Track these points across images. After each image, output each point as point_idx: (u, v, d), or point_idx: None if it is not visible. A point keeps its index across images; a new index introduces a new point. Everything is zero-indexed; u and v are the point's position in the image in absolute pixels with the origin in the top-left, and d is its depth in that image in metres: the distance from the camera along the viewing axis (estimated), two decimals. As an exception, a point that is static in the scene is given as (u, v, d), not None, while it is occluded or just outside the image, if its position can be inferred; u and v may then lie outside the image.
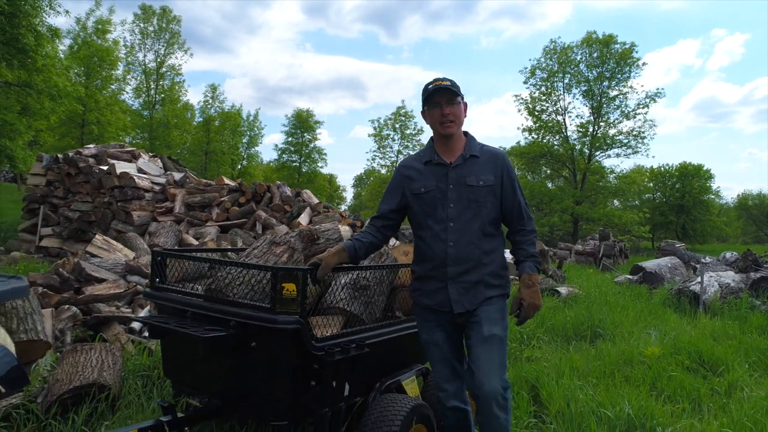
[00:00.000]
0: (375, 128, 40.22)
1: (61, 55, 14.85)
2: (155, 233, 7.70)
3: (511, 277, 4.41)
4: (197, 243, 7.36)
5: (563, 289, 7.53)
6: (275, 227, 9.18)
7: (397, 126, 39.64)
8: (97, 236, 6.29)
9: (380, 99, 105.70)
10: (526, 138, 33.69)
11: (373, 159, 42.27)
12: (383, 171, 41.81)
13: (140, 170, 10.13)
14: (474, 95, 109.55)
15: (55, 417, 2.86)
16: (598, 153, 31.68)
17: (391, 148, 40.05)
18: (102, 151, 10.33)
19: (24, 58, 12.79)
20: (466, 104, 2.47)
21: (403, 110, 39.50)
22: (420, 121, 40.40)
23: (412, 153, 34.85)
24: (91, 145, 11.03)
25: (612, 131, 31.23)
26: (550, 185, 37.36)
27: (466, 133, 2.52)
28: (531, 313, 2.36)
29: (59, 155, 10.34)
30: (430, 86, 2.41)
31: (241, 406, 2.50)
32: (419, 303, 2.49)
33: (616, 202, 38.53)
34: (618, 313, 6.80)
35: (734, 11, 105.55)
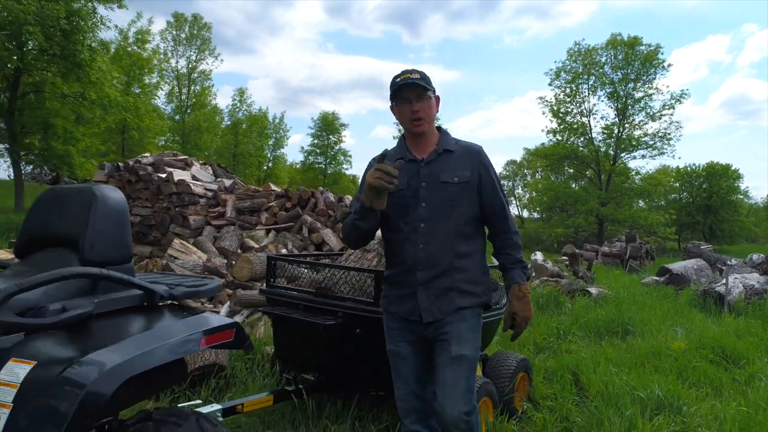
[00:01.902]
0: (399, 130, 40.81)
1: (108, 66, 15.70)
2: (221, 237, 8.43)
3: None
4: (257, 246, 8.06)
5: (593, 290, 8.05)
6: (320, 230, 9.85)
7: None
8: (175, 240, 7.03)
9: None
10: (550, 140, 34.00)
11: (398, 161, 42.78)
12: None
13: (194, 177, 10.91)
14: (495, 94, 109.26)
15: (185, 390, 3.54)
16: (623, 154, 31.83)
17: (416, 150, 40.57)
18: (159, 160, 11.14)
19: (80, 72, 13.74)
20: (438, 98, 2.27)
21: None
22: (442, 122, 40.84)
23: None
24: (147, 154, 11.85)
25: (637, 133, 31.37)
26: (573, 186, 37.54)
27: (439, 128, 2.35)
28: (524, 326, 2.20)
29: (120, 163, 11.17)
30: (398, 80, 2.20)
31: (348, 380, 3.13)
32: (387, 310, 2.30)
33: (641, 203, 38.45)
34: (646, 312, 7.29)
35: (766, 5, 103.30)
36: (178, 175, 10.52)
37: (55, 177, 38.14)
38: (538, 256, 10.26)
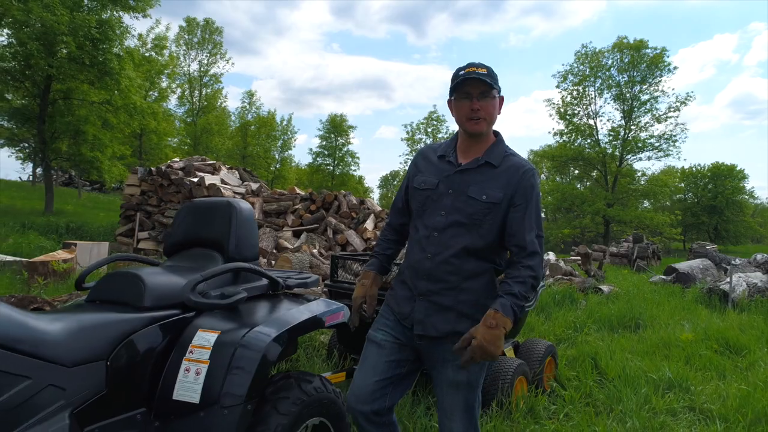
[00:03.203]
0: (408, 132, 41.40)
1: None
2: (259, 239, 9.02)
3: (542, 283, 5.32)
4: (291, 246, 8.62)
5: (605, 288, 8.58)
6: (344, 232, 10.41)
7: (429, 130, 40.74)
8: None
9: (406, 99, 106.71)
10: (557, 141, 34.50)
11: (405, 162, 43.40)
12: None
13: (223, 181, 11.50)
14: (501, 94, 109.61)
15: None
16: (629, 156, 32.30)
17: (423, 151, 41.13)
18: (189, 165, 11.73)
19: (109, 80, 14.36)
20: (502, 98, 2.09)
21: (435, 114, 40.63)
22: (453, 126, 41.48)
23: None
24: (177, 159, 12.45)
25: (643, 135, 31.84)
26: (579, 186, 38.03)
27: (496, 133, 2.14)
28: (478, 355, 1.80)
29: (152, 168, 11.76)
30: (462, 73, 2.02)
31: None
32: (387, 302, 2.17)
33: (646, 204, 38.91)
34: (655, 308, 7.82)
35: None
36: (209, 179, 11.11)
37: (69, 178, 38.94)
38: (551, 256, 10.79)
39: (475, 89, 2.00)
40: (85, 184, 31.66)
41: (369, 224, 10.57)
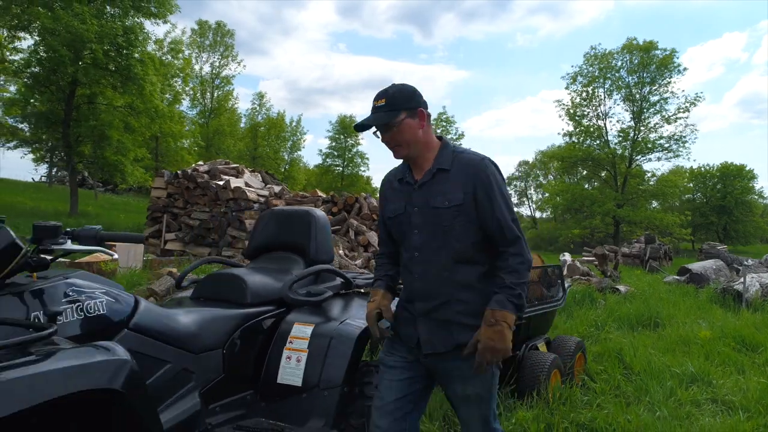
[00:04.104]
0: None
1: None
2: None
3: (568, 282, 5.55)
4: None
5: (622, 287, 8.86)
6: (366, 233, 10.74)
7: (439, 131, 40.98)
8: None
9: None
10: (566, 141, 34.73)
11: (414, 163, 43.63)
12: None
13: (246, 184, 11.84)
14: (508, 94, 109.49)
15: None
16: (638, 157, 32.48)
17: (433, 152, 41.36)
18: (214, 168, 12.09)
19: (132, 85, 14.78)
20: (420, 111, 2.03)
21: (444, 115, 40.86)
22: (461, 126, 41.65)
23: None
24: (201, 162, 12.82)
25: (653, 135, 32.03)
26: (587, 186, 38.22)
27: (441, 138, 2.13)
28: (488, 357, 1.85)
29: (179, 171, 12.13)
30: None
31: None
32: (393, 327, 2.15)
33: (654, 204, 39.01)
34: (671, 307, 8.08)
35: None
36: (234, 182, 11.45)
37: (81, 180, 39.53)
38: (567, 256, 11.07)
39: (377, 125, 2.02)
40: (98, 185, 32.14)
41: (390, 226, 10.88)
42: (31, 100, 16.10)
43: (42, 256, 1.75)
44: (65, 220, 14.11)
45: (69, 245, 1.72)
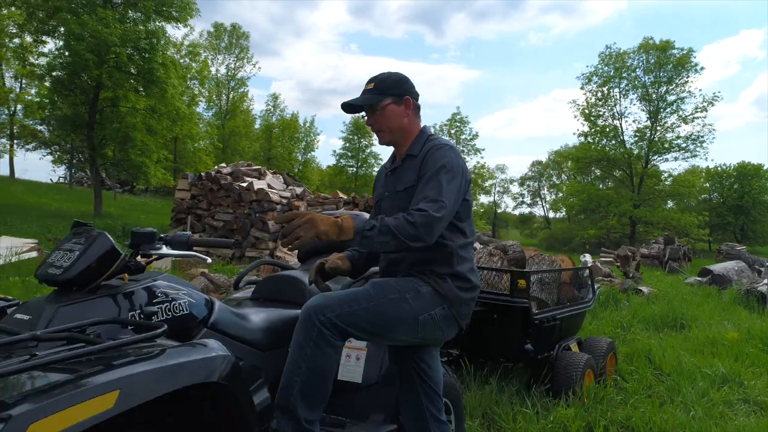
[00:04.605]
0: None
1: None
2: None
3: (597, 284, 5.54)
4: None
5: (645, 289, 8.89)
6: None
7: (453, 132, 41.03)
8: (279, 244, 8.11)
9: (425, 99, 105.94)
10: (581, 141, 34.59)
11: (428, 163, 43.67)
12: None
13: (269, 186, 12.01)
14: (520, 93, 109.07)
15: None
16: (655, 157, 32.27)
17: (447, 153, 41.43)
18: (237, 170, 12.28)
19: (154, 88, 15.06)
20: (406, 99, 2.09)
21: (458, 116, 40.89)
22: (476, 127, 41.62)
23: (467, 158, 35.33)
24: (223, 164, 13.02)
25: (669, 135, 31.81)
26: (601, 186, 38.01)
27: (423, 128, 2.18)
28: (299, 222, 1.78)
29: (202, 173, 12.34)
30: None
31: (485, 354, 4.09)
32: None
33: (670, 204, 38.72)
34: (695, 308, 8.10)
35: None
36: (257, 184, 11.63)
37: (95, 180, 40.10)
38: (588, 258, 11.10)
39: (364, 107, 2.09)
40: (116, 186, 32.61)
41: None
42: (56, 103, 16.42)
43: (137, 260, 1.88)
44: (91, 221, 14.35)
45: (164, 250, 1.85)
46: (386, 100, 2.06)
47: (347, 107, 2.09)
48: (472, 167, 40.99)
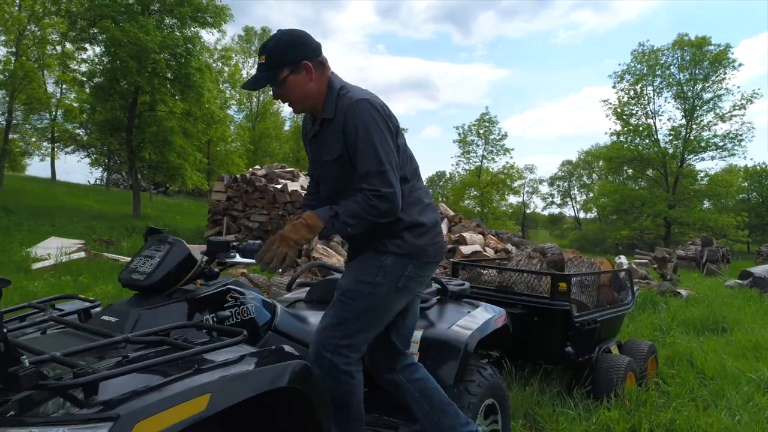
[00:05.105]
0: (459, 134, 41.53)
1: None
2: (344, 243, 9.66)
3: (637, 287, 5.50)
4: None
5: (683, 291, 8.75)
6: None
7: (481, 132, 40.77)
8: (317, 245, 8.26)
9: (451, 99, 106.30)
10: (612, 141, 34.00)
11: (457, 164, 43.54)
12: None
13: (302, 187, 12.21)
14: (549, 92, 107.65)
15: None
16: (691, 156, 31.50)
17: (476, 153, 41.27)
18: (271, 172, 12.53)
19: (191, 93, 15.49)
20: (305, 64, 1.93)
21: (487, 116, 40.59)
22: (504, 127, 41.23)
23: (496, 158, 34.76)
24: (257, 166, 13.29)
25: (706, 134, 31.00)
26: (634, 186, 37.27)
27: (331, 82, 2.01)
28: (276, 240, 1.87)
29: (238, 176, 12.62)
30: None
31: (525, 355, 4.13)
32: None
33: (706, 204, 37.75)
34: (736, 311, 7.94)
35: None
36: (291, 185, 11.85)
37: (134, 182, 41.21)
38: (623, 259, 10.96)
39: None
40: (151, 188, 33.43)
41: (443, 228, 11.04)
42: (96, 108, 17.01)
43: (212, 267, 2.00)
44: (131, 222, 14.87)
45: (237, 258, 1.97)
46: (282, 72, 1.92)
47: (248, 88, 2.00)
48: (501, 167, 40.69)
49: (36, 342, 1.66)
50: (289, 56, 1.91)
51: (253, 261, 1.94)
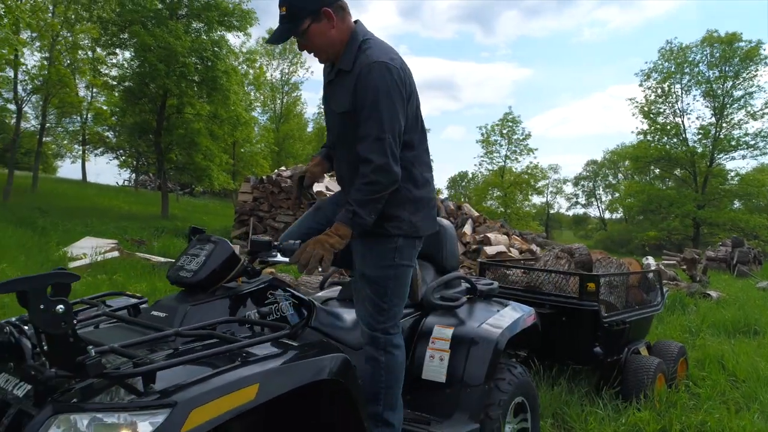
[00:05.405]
0: (482, 134, 41.32)
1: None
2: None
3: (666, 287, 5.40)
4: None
5: (713, 293, 8.61)
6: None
7: (505, 131, 40.50)
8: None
9: (474, 98, 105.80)
10: (639, 140, 33.45)
11: (480, 164, 43.31)
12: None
13: (327, 188, 12.34)
14: (573, 91, 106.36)
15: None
16: (720, 155, 30.81)
17: (499, 153, 41.00)
18: (295, 173, 12.70)
19: (218, 95, 15.79)
20: (326, 11, 1.95)
21: (510, 116, 40.31)
22: (528, 126, 40.86)
23: (519, 158, 34.37)
24: (283, 167, 13.46)
25: (737, 132, 30.28)
26: (661, 186, 36.59)
27: (356, 23, 2.07)
28: (302, 256, 1.95)
29: (264, 177, 12.81)
30: None
31: (552, 355, 4.14)
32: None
33: (736, 204, 36.85)
34: (769, 314, 7.79)
35: None
36: (317, 186, 11.97)
37: (161, 184, 41.97)
38: (651, 260, 10.81)
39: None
40: (177, 189, 34.02)
41: (467, 229, 11.04)
42: (126, 111, 17.45)
43: (253, 265, 2.09)
44: (160, 222, 15.20)
45: (279, 257, 2.05)
46: (304, 23, 1.94)
47: (273, 42, 2.07)
48: (525, 167, 40.36)
49: (91, 335, 1.76)
50: (309, 5, 1.93)
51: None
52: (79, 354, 1.32)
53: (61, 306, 1.27)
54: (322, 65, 2.20)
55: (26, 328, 1.53)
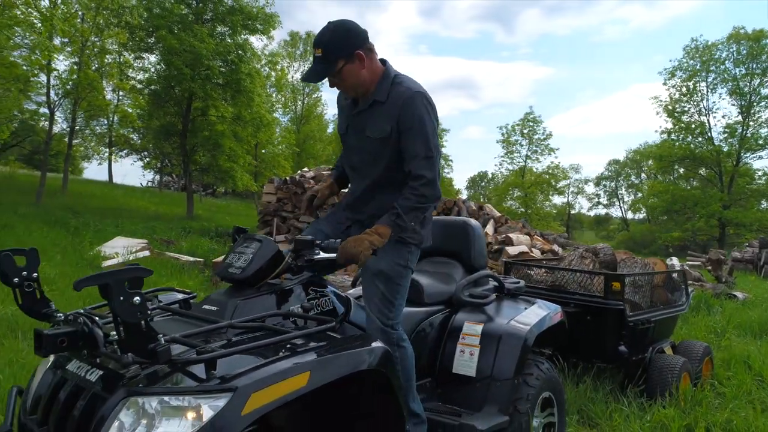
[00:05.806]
0: (503, 134, 41.17)
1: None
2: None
3: (691, 289, 5.37)
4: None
5: (739, 294, 8.53)
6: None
7: (525, 131, 40.29)
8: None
9: (494, 98, 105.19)
10: (662, 139, 32.99)
11: (500, 164, 43.14)
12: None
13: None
14: (595, 90, 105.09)
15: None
16: (747, 154, 30.25)
17: (519, 153, 40.80)
18: (319, 174, 12.85)
19: (242, 98, 16.08)
20: (359, 54, 2.14)
21: (531, 116, 40.08)
22: (549, 126, 40.57)
23: (540, 158, 34.12)
24: (306, 168, 13.65)
25: (764, 131, 29.69)
26: (685, 186, 36.02)
27: (384, 64, 2.26)
28: (341, 255, 2.09)
29: (287, 178, 13.01)
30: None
31: (577, 353, 4.21)
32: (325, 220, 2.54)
33: (764, 204, 36.10)
34: (797, 316, 7.70)
35: None
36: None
37: (185, 184, 42.64)
38: (675, 261, 10.73)
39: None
40: (200, 190, 34.53)
41: (489, 229, 11.07)
42: (152, 114, 17.86)
43: (297, 262, 2.21)
44: (186, 223, 15.52)
45: (321, 255, 2.17)
46: (338, 64, 2.12)
47: (307, 79, 2.22)
48: (546, 167, 40.09)
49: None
50: (344, 49, 2.13)
51: (334, 256, 2.13)
52: (151, 342, 1.45)
53: (137, 298, 1.40)
54: (336, 100, 2.47)
55: (97, 318, 1.67)
